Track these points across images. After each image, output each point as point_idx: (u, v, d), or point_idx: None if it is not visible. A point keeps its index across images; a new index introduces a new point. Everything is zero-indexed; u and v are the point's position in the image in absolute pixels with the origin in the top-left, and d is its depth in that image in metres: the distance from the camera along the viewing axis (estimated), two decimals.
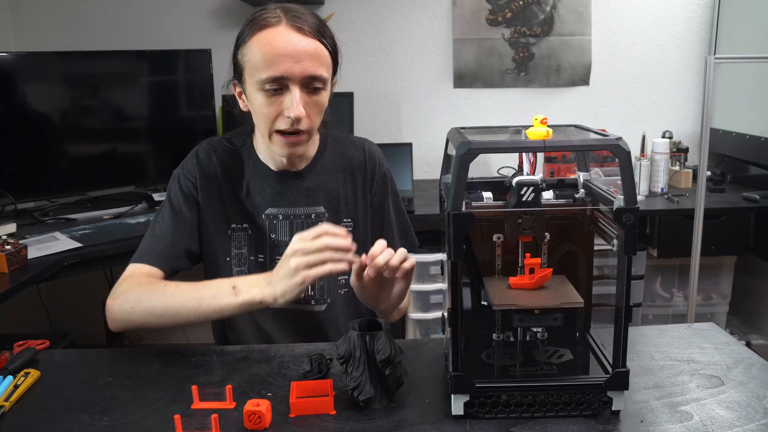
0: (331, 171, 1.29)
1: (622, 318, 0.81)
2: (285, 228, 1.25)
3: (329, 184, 1.27)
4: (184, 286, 1.07)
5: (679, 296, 2.50)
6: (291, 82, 1.10)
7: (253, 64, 1.11)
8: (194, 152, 1.28)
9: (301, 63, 1.09)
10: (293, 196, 1.25)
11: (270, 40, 1.09)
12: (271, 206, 1.25)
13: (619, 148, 0.77)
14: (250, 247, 1.25)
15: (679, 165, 2.57)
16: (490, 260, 0.95)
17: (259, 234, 1.24)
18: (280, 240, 1.24)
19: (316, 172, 1.27)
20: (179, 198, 1.23)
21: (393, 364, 0.87)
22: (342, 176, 1.29)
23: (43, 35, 2.72)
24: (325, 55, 1.13)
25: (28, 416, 0.90)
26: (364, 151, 1.32)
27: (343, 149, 1.31)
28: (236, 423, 0.86)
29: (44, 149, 2.29)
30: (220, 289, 1.03)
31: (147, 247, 1.20)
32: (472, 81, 2.78)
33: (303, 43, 1.10)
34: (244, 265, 1.25)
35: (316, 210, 1.26)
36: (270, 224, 1.24)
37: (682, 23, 2.73)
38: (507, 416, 0.84)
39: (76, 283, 2.19)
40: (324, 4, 2.69)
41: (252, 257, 1.25)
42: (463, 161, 0.77)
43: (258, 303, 1.01)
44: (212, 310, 1.03)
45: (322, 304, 1.27)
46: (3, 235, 1.76)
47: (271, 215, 1.24)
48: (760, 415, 0.85)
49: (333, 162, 1.29)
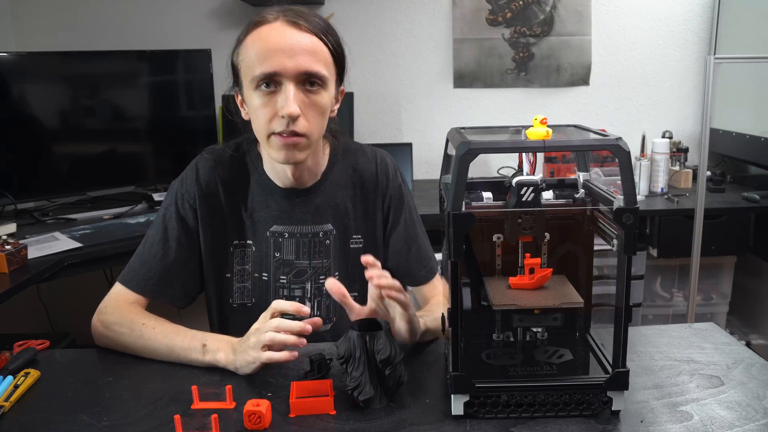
0: (341, 186, 1.23)
1: (622, 318, 0.81)
2: (291, 246, 1.20)
3: (338, 200, 1.22)
4: (159, 331, 1.07)
5: (679, 296, 2.50)
6: (285, 79, 1.04)
7: (247, 63, 1.07)
8: (194, 165, 1.22)
9: (295, 58, 1.04)
10: (300, 214, 1.20)
11: (263, 35, 1.05)
12: (276, 224, 1.20)
13: (619, 148, 0.77)
14: (254, 264, 1.21)
15: (679, 165, 2.57)
16: (490, 260, 0.95)
17: (262, 251, 1.20)
18: (286, 259, 1.20)
19: (325, 188, 1.21)
20: (173, 221, 1.18)
21: (393, 364, 0.87)
22: (352, 191, 1.24)
23: (43, 35, 2.72)
24: (323, 52, 1.07)
25: (28, 416, 0.90)
26: (376, 164, 1.26)
27: (354, 161, 1.25)
28: (236, 423, 0.86)
29: (44, 149, 2.29)
30: (192, 344, 1.04)
31: (134, 269, 1.17)
32: (472, 81, 2.78)
33: (297, 37, 1.05)
34: (247, 281, 1.21)
35: (324, 228, 1.21)
36: (275, 242, 1.20)
37: (682, 23, 2.73)
38: (507, 416, 0.84)
39: (76, 283, 2.18)
40: (324, 4, 2.69)
41: (256, 274, 1.21)
42: (463, 161, 0.77)
43: (222, 366, 1.02)
44: (181, 361, 1.05)
45: (327, 324, 1.23)
46: (3, 235, 1.76)
47: (276, 233, 1.20)
48: (760, 415, 0.85)
49: (342, 175, 1.24)
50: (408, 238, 1.26)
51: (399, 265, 1.26)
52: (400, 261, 1.26)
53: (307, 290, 1.22)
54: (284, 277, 1.21)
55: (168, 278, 1.17)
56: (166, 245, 1.17)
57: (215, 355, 1.02)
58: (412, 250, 1.27)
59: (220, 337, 1.05)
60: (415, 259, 1.27)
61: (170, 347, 1.05)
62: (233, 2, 2.68)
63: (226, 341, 1.03)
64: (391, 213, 1.26)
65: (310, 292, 1.22)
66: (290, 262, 1.21)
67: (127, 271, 1.18)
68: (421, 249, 1.28)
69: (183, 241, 1.18)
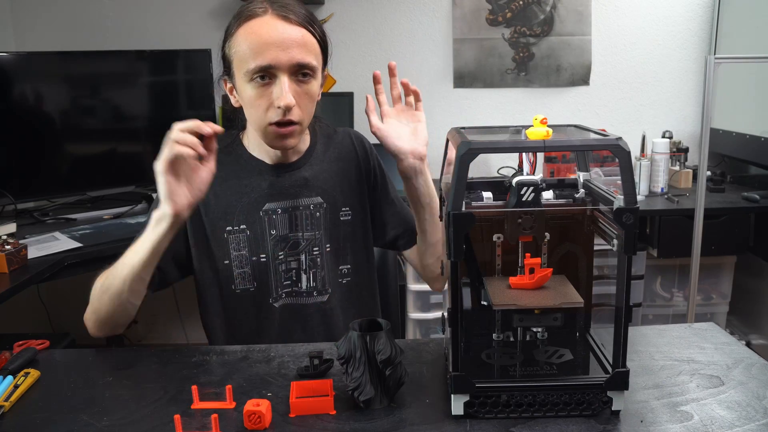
0: (325, 161, 1.29)
1: (622, 318, 0.81)
2: (285, 221, 1.24)
3: (325, 174, 1.28)
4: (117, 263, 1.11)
5: (679, 296, 2.50)
6: (279, 71, 1.10)
7: (240, 56, 1.11)
8: None
9: (288, 51, 1.09)
10: (291, 188, 1.24)
11: (256, 29, 1.10)
12: (269, 201, 1.23)
13: (619, 148, 0.77)
14: (251, 248, 1.23)
15: (679, 165, 2.57)
16: (490, 260, 0.95)
17: (258, 233, 1.23)
18: (281, 235, 1.24)
19: (311, 163, 1.27)
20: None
21: (393, 364, 0.87)
22: (336, 165, 1.30)
23: (43, 35, 2.72)
24: (312, 43, 1.13)
25: (28, 416, 0.90)
26: (351, 140, 1.34)
27: (330, 140, 1.33)
28: (236, 423, 0.86)
29: (44, 149, 2.29)
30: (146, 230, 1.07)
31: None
32: (472, 81, 2.78)
33: (289, 30, 1.10)
34: (246, 266, 1.23)
35: (314, 200, 1.25)
36: (269, 220, 1.23)
37: (682, 23, 2.73)
38: (507, 416, 0.84)
39: (76, 283, 2.17)
40: (324, 4, 2.69)
41: (254, 258, 1.23)
42: (463, 161, 0.77)
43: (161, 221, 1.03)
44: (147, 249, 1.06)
45: (324, 295, 1.26)
46: (3, 235, 1.76)
47: (270, 210, 1.23)
48: (760, 415, 0.85)
49: (324, 152, 1.30)
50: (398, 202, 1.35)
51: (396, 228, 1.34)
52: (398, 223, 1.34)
53: (302, 262, 1.25)
54: (281, 253, 1.24)
55: None
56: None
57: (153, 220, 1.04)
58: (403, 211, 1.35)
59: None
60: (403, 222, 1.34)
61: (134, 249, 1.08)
62: (233, 2, 2.68)
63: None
64: (378, 181, 1.34)
65: (305, 263, 1.25)
66: (285, 236, 1.24)
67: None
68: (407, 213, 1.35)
69: None
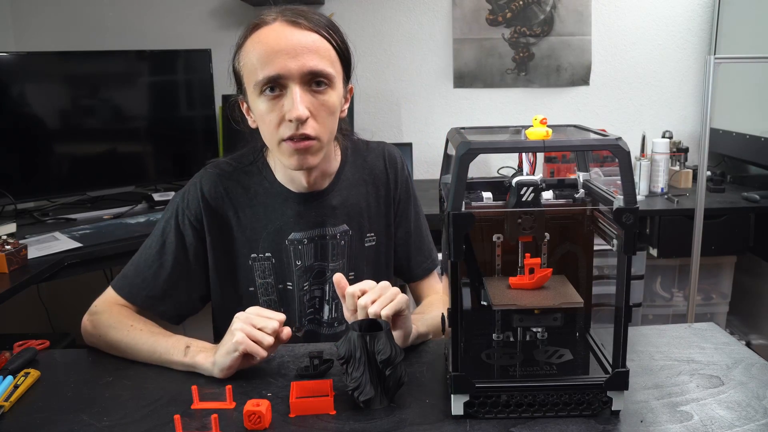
0: (354, 184, 1.21)
1: (622, 318, 0.81)
2: (310, 252, 1.18)
3: (352, 199, 1.20)
4: (145, 332, 1.06)
5: (679, 296, 2.50)
6: (290, 81, 1.00)
7: (249, 68, 1.03)
8: (198, 182, 1.17)
9: (298, 58, 0.99)
10: (317, 218, 1.17)
11: (263, 38, 1.02)
12: (294, 231, 1.16)
13: (619, 148, 0.77)
14: (276, 276, 1.18)
15: (679, 165, 2.57)
16: (490, 260, 0.95)
17: (284, 262, 1.17)
18: (307, 265, 1.18)
19: (339, 189, 1.19)
20: (172, 236, 1.15)
21: (393, 364, 0.87)
22: (365, 188, 1.22)
23: (43, 35, 2.72)
24: (326, 49, 1.03)
25: (28, 416, 0.90)
26: (384, 159, 1.25)
27: (363, 160, 1.24)
28: (236, 423, 0.86)
29: (44, 149, 2.29)
30: (175, 345, 1.03)
31: (128, 276, 1.15)
32: (472, 81, 2.78)
33: (298, 36, 1.01)
34: (272, 294, 1.19)
35: (340, 229, 1.19)
36: (295, 250, 1.17)
37: (682, 23, 2.73)
38: (507, 416, 0.84)
39: (76, 283, 2.18)
40: (324, 4, 2.69)
41: (280, 285, 1.18)
42: (463, 161, 0.77)
43: (201, 369, 1.00)
44: (162, 362, 1.03)
45: (343, 325, 1.21)
46: (3, 235, 1.76)
47: (295, 240, 1.16)
48: (760, 415, 0.85)
49: (354, 175, 1.22)
50: (414, 231, 1.28)
51: (401, 257, 1.28)
52: (403, 254, 1.28)
53: (326, 292, 1.21)
54: (306, 283, 1.19)
55: (161, 292, 1.14)
56: (163, 258, 1.14)
57: (196, 356, 1.00)
58: (416, 242, 1.28)
59: (204, 342, 1.04)
60: (418, 252, 1.28)
61: (153, 348, 1.04)
62: (233, 2, 2.68)
63: (210, 345, 1.03)
64: (400, 206, 1.26)
65: (328, 294, 1.21)
66: (311, 266, 1.19)
67: (120, 277, 1.16)
68: (425, 242, 1.29)
69: (179, 257, 1.15)
